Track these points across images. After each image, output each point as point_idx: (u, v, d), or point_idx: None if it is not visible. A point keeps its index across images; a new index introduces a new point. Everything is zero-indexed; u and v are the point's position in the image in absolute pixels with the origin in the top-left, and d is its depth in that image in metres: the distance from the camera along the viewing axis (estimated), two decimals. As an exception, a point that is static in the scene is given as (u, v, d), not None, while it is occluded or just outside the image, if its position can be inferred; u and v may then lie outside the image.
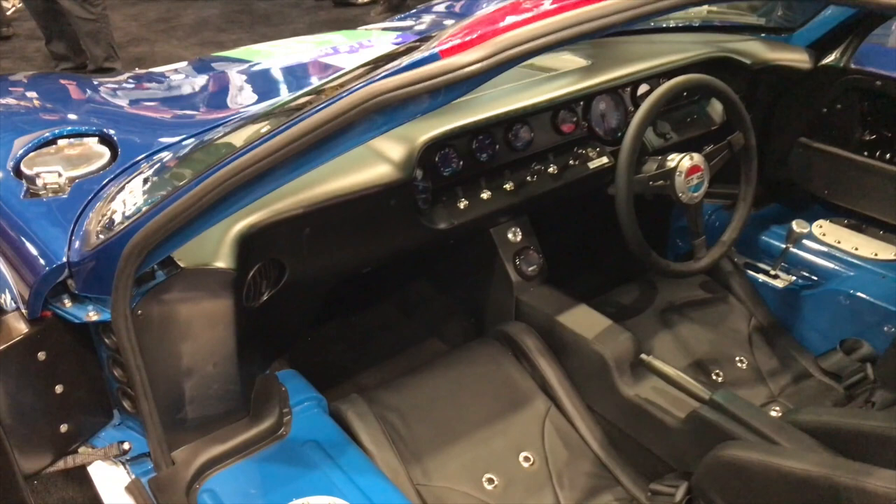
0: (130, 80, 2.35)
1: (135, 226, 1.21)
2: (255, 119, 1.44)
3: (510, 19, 0.96)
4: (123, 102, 2.13)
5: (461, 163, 1.83)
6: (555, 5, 0.99)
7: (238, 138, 1.34)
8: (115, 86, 2.25)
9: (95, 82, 2.28)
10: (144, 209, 1.23)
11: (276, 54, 2.56)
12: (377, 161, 1.62)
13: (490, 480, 1.65)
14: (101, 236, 1.29)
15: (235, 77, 2.31)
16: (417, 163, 1.68)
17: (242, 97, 2.11)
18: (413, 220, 1.71)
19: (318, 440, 1.49)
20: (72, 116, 1.94)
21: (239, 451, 1.44)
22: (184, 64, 2.55)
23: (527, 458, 1.70)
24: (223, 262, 1.35)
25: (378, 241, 1.70)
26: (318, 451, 1.46)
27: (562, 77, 2.03)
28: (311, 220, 1.52)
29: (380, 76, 0.95)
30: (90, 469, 1.45)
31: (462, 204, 1.83)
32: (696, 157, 1.86)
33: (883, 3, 1.19)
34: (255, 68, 2.37)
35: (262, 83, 2.25)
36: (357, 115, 0.95)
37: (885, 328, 1.96)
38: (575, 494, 1.66)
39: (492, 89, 1.96)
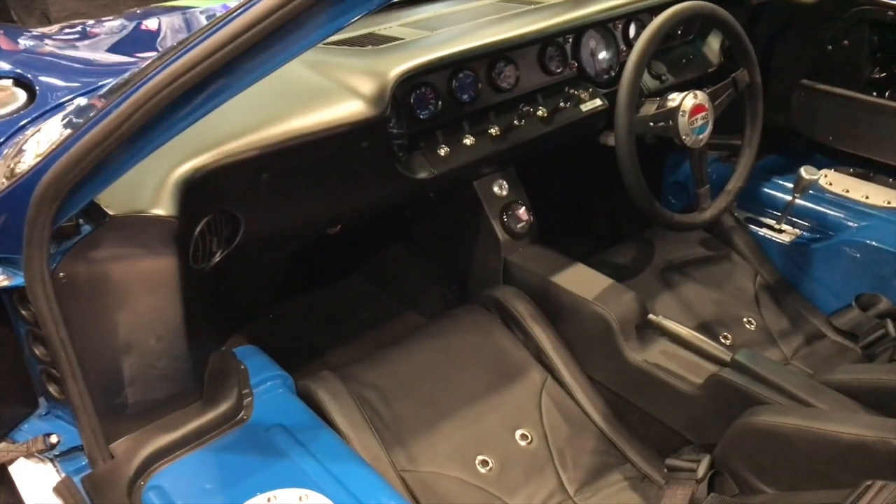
0: (60, 29, 2.09)
1: (46, 163, 0.97)
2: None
3: None
4: (49, 49, 1.87)
5: (440, 104, 1.61)
6: None
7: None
8: (41, 34, 1.98)
9: (19, 30, 2.01)
10: (58, 142, 0.99)
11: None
12: (346, 95, 1.39)
13: (484, 463, 1.44)
14: (5, 181, 1.05)
15: (174, 21, 2.06)
16: (391, 100, 1.46)
17: (179, 39, 1.86)
18: (388, 167, 1.49)
19: (284, 424, 1.29)
20: (-15, 61, 1.67)
21: (191, 440, 1.24)
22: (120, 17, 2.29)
23: (524, 436, 1.50)
24: (163, 209, 1.11)
25: (349, 192, 1.48)
26: (285, 437, 1.25)
27: (546, 9, 1.83)
28: (270, 163, 1.29)
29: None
30: (11, 469, 1.22)
31: (443, 151, 1.61)
32: (701, 96, 1.67)
33: None
34: (197, 12, 2.11)
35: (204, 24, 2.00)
36: (289, 13, 0.73)
37: (904, 280, 1.80)
38: (580, 475, 1.47)
39: (471, 21, 1.74)
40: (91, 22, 2.22)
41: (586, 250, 2.09)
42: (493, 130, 1.69)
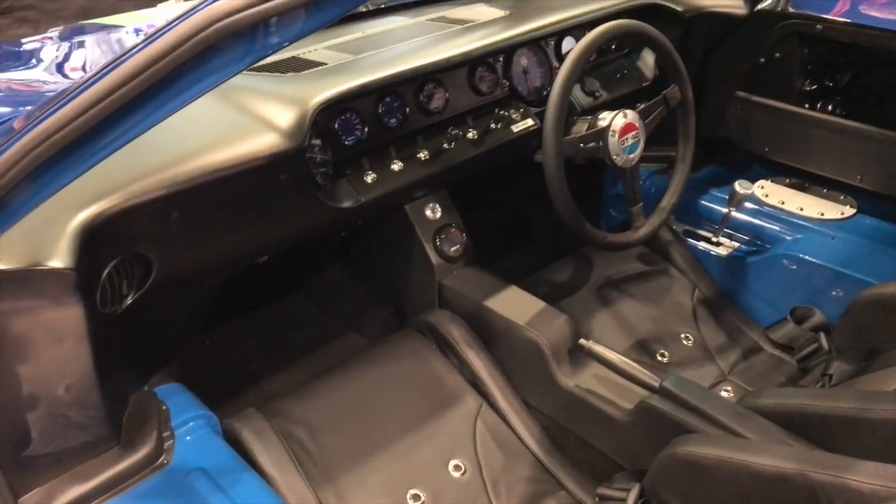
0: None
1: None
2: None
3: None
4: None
5: (366, 130, 1.58)
6: None
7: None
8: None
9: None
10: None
11: (158, 17, 2.24)
12: (261, 128, 1.35)
13: (416, 497, 1.42)
14: None
15: (101, 43, 1.99)
16: (311, 129, 1.42)
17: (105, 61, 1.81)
18: (310, 197, 1.45)
19: (206, 467, 1.25)
20: None
21: (108, 488, 1.19)
22: (52, 32, 2.22)
23: (457, 467, 1.48)
24: (60, 260, 1.06)
25: (270, 225, 1.43)
26: (205, 482, 1.21)
27: (477, 29, 1.80)
28: (180, 202, 1.24)
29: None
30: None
31: (369, 177, 1.58)
32: (630, 115, 1.66)
33: None
34: (123, 32, 2.06)
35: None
36: (194, 48, 0.69)
37: (836, 293, 1.81)
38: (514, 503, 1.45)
39: (398, 44, 1.71)
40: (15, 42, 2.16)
41: (531, 264, 2.08)
42: (423, 155, 1.66)
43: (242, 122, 1.35)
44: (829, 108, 2.05)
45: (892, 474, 0.99)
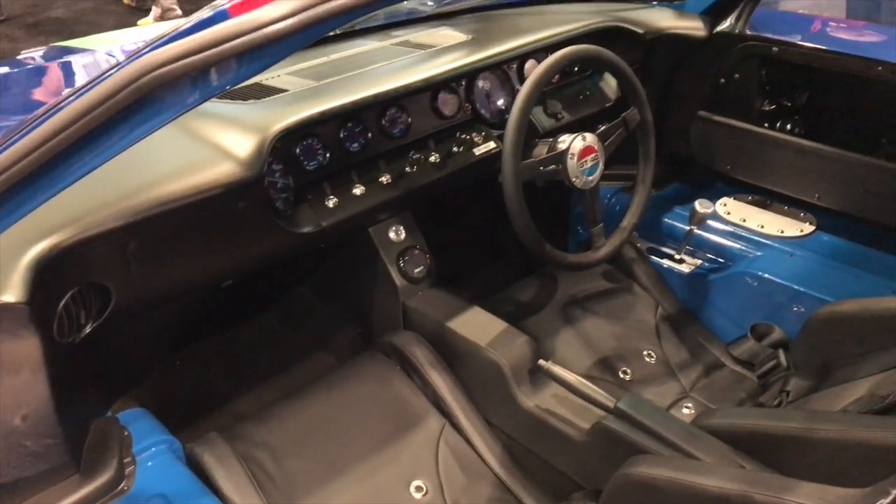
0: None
1: None
2: None
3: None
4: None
5: (328, 155, 1.60)
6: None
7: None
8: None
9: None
10: None
11: (124, 41, 2.26)
12: (219, 156, 1.37)
13: None
14: None
15: (72, 67, 2.01)
16: (271, 156, 1.44)
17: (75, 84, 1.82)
18: (270, 224, 1.47)
19: (166, 493, 1.26)
20: None
21: None
22: (32, 53, 2.23)
23: (419, 488, 1.50)
24: (13, 294, 1.08)
25: (229, 252, 1.45)
26: (166, 508, 1.22)
27: (440, 54, 1.83)
28: (137, 232, 1.26)
29: (153, 46, 0.71)
30: None
31: (331, 202, 1.60)
32: (589, 138, 1.69)
33: None
34: (95, 56, 2.07)
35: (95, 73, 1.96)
36: (128, 97, 0.71)
37: (795, 309, 1.85)
38: None
39: (361, 69, 1.73)
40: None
41: (499, 282, 2.10)
42: (385, 179, 1.68)
43: (200, 150, 1.37)
44: (788, 127, 2.09)
45: (830, 496, 1.02)
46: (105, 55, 2.07)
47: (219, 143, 1.39)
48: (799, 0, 5.27)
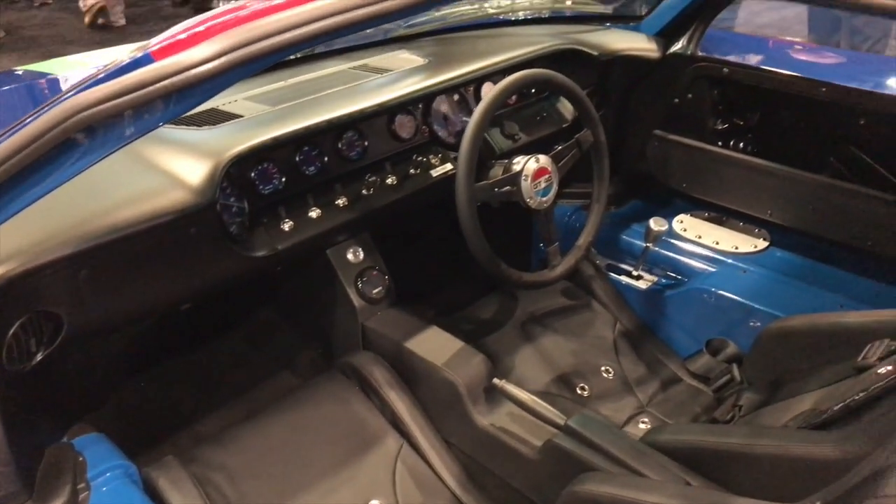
0: None
1: None
2: None
3: (252, 8, 0.76)
4: None
5: (283, 179, 1.62)
6: (310, -9, 0.79)
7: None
8: None
9: None
10: None
11: (86, 64, 2.27)
12: (170, 184, 1.38)
13: None
14: None
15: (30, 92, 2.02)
16: (226, 181, 1.46)
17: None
18: (223, 248, 1.48)
19: None
20: None
21: None
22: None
23: None
24: None
25: (183, 277, 1.46)
26: (118, 533, 1.23)
27: (397, 78, 1.85)
28: (88, 260, 1.27)
29: (80, 89, 0.74)
30: None
31: (286, 225, 1.62)
32: (543, 159, 1.72)
33: None
34: (58, 79, 2.08)
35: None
36: (54, 139, 0.73)
37: (748, 325, 1.88)
38: None
39: (317, 94, 1.76)
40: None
41: (461, 300, 2.13)
42: (341, 201, 1.70)
43: (153, 177, 1.39)
44: (742, 145, 2.14)
45: None
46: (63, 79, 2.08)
47: (171, 170, 1.41)
48: (764, 18, 5.41)
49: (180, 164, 1.42)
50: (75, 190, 0.96)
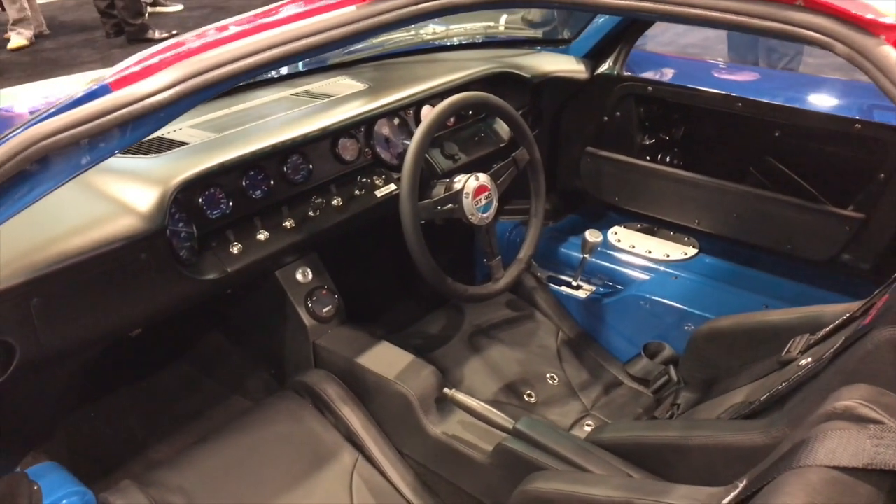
0: None
1: None
2: None
3: (202, 41, 0.82)
4: None
5: (231, 203, 1.66)
6: (259, 22, 0.85)
7: None
8: None
9: None
10: None
11: (22, 98, 2.27)
12: (119, 211, 1.41)
13: None
14: None
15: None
16: (174, 207, 1.49)
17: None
18: (174, 273, 1.51)
19: None
20: None
21: None
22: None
23: None
24: None
25: (134, 302, 1.48)
26: (76, 560, 1.24)
27: (339, 102, 1.91)
28: (39, 288, 1.29)
29: (39, 119, 0.78)
30: None
31: (235, 248, 1.65)
32: (483, 177, 1.80)
33: (641, 8, 1.15)
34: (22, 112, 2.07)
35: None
36: (15, 167, 0.77)
37: (684, 327, 1.99)
38: None
39: (261, 120, 1.80)
40: None
41: (411, 316, 2.18)
42: (288, 223, 1.74)
43: (102, 205, 1.41)
44: (668, 159, 2.26)
45: (701, 495, 1.13)
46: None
47: (119, 198, 1.43)
48: (689, 38, 5.66)
49: (129, 192, 1.45)
50: (26, 219, 0.98)
